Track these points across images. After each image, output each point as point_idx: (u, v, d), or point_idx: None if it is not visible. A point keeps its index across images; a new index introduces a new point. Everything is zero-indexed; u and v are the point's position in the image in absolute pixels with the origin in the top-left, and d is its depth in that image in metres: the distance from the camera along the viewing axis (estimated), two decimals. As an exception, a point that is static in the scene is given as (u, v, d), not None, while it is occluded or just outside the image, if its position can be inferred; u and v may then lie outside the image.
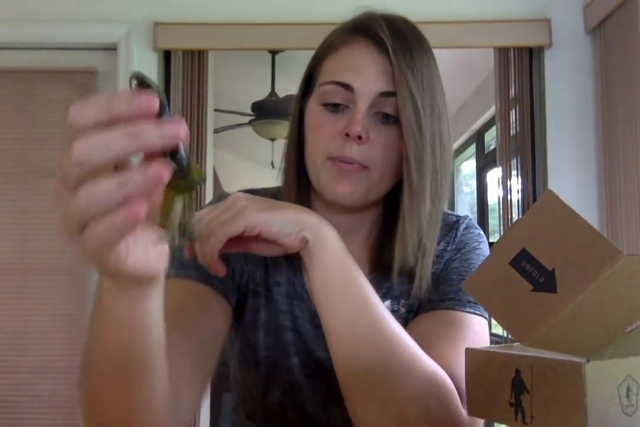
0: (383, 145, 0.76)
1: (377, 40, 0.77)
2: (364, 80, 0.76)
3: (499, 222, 2.46)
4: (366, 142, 0.75)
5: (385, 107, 0.76)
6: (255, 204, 0.67)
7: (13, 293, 2.42)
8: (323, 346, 0.76)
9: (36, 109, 2.50)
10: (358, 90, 0.76)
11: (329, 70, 0.79)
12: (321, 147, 0.77)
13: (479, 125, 3.07)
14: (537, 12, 2.45)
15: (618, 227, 2.18)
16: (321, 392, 0.85)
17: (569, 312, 0.49)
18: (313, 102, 0.80)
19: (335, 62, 0.79)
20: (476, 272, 0.57)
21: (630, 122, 2.11)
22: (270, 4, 2.49)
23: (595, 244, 0.48)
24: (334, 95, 0.77)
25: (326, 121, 0.77)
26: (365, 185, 0.77)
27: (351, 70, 0.76)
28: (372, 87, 0.76)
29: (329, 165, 0.77)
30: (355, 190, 0.77)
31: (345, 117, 0.76)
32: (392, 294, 0.83)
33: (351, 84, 0.76)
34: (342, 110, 0.77)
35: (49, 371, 2.39)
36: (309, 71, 0.83)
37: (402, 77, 0.74)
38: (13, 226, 2.45)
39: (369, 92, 0.76)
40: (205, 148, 2.44)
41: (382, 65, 0.76)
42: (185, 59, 2.46)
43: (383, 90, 0.75)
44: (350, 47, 0.79)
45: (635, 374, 0.54)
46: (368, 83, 0.76)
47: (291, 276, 0.85)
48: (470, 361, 0.60)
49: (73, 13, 2.48)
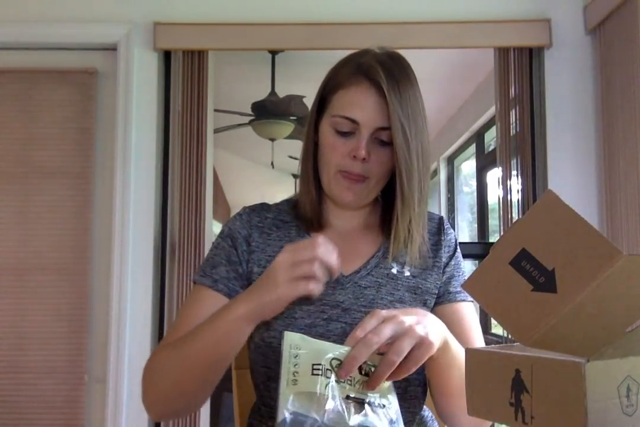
0: (379, 162, 1.04)
1: (375, 83, 1.01)
2: (367, 117, 1.01)
3: (499, 222, 2.46)
4: (368, 161, 1.02)
5: (382, 136, 1.02)
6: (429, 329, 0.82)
7: (13, 293, 2.42)
8: (340, 291, 1.04)
9: (36, 109, 2.50)
10: (362, 124, 1.02)
11: (341, 104, 1.04)
12: (334, 163, 1.04)
13: (479, 125, 3.07)
14: (537, 12, 2.45)
15: (618, 227, 2.18)
16: (335, 334, 1.01)
17: (569, 312, 0.49)
18: (326, 126, 1.05)
19: (345, 98, 1.03)
20: (476, 272, 0.57)
21: (630, 122, 2.11)
22: (270, 4, 2.49)
23: (595, 244, 0.48)
24: (344, 125, 1.03)
25: (338, 143, 1.04)
26: (365, 193, 1.07)
27: (357, 108, 1.02)
28: (372, 122, 1.01)
29: (339, 177, 1.04)
30: (358, 198, 1.07)
31: (353, 140, 1.03)
32: (398, 261, 1.10)
33: (357, 120, 1.02)
34: (350, 135, 1.03)
35: (49, 371, 2.39)
36: (322, 95, 1.08)
37: (394, 114, 0.99)
38: (13, 226, 2.45)
39: (370, 126, 1.02)
40: (205, 148, 2.43)
41: (379, 105, 1.01)
42: (185, 59, 2.46)
43: (380, 126, 1.02)
44: (356, 88, 1.03)
45: (635, 374, 0.54)
46: (369, 119, 1.01)
47: None
48: (470, 361, 0.60)
49: (73, 13, 2.48)
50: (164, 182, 2.46)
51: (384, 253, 1.10)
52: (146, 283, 2.39)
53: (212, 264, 1.07)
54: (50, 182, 2.47)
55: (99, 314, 2.43)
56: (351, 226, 1.13)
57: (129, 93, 2.43)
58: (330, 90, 1.06)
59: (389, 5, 2.46)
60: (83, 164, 2.48)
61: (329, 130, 1.05)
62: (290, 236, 1.10)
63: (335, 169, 1.04)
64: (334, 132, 1.04)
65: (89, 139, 2.49)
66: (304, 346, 0.74)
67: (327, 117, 1.06)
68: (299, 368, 0.71)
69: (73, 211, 2.45)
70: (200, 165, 2.42)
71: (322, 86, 1.09)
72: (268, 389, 1.04)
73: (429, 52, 2.45)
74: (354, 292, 1.05)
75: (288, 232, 1.10)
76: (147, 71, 2.47)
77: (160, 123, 2.47)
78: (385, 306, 1.04)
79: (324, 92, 1.08)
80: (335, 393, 0.72)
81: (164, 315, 2.40)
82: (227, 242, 1.09)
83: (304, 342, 0.75)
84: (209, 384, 0.95)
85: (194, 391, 0.94)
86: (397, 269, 1.09)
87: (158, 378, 0.97)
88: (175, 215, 2.42)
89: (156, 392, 0.97)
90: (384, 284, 1.07)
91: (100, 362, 2.41)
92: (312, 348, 0.74)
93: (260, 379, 1.05)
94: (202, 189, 2.42)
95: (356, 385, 0.74)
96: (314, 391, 0.70)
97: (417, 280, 1.09)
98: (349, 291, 1.05)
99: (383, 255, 1.10)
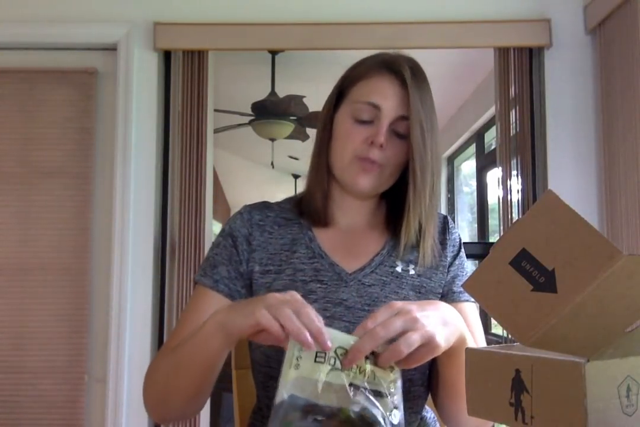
0: (395, 153, 1.04)
1: (399, 75, 1.04)
2: (389, 104, 1.03)
3: (499, 222, 2.46)
4: (385, 149, 1.03)
5: (400, 127, 1.04)
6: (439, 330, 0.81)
7: (13, 293, 2.42)
8: (343, 289, 1.04)
9: (36, 109, 2.50)
10: (383, 111, 1.03)
11: (363, 92, 1.05)
12: (351, 149, 1.04)
13: (479, 125, 3.07)
14: (537, 12, 2.45)
15: (618, 227, 2.18)
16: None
17: (569, 312, 0.49)
18: (345, 116, 1.06)
19: (368, 87, 1.05)
20: (476, 272, 0.57)
21: (630, 122, 2.11)
22: (270, 4, 2.49)
23: (595, 244, 0.48)
24: (365, 112, 1.04)
25: (356, 131, 1.04)
26: (378, 182, 1.06)
27: (380, 95, 1.03)
28: (394, 110, 1.03)
29: (355, 162, 1.04)
30: (371, 184, 1.05)
31: (370, 129, 1.03)
32: (403, 259, 1.09)
33: (380, 105, 1.03)
34: (368, 123, 1.04)
35: (49, 371, 2.38)
36: (340, 89, 1.09)
37: (415, 106, 1.02)
38: (13, 226, 2.44)
39: (391, 113, 1.03)
40: (205, 148, 2.43)
41: (401, 95, 1.03)
42: (185, 59, 2.46)
43: (401, 115, 1.03)
44: (380, 78, 1.05)
45: (635, 374, 0.54)
46: (391, 107, 1.03)
47: (308, 243, 1.08)
48: (470, 361, 0.60)
49: (73, 13, 2.48)
50: (164, 182, 2.46)
51: (388, 251, 1.09)
52: (146, 283, 2.39)
53: (212, 264, 1.07)
54: (50, 182, 2.47)
55: (99, 314, 2.43)
56: (356, 224, 1.13)
57: (129, 93, 2.43)
58: (350, 83, 1.08)
59: (389, 5, 2.46)
60: (83, 164, 2.48)
61: (347, 120, 1.05)
62: (292, 233, 1.09)
63: (352, 155, 1.04)
64: (353, 120, 1.05)
65: (89, 139, 2.49)
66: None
67: (345, 106, 1.07)
68: (302, 353, 0.72)
69: (73, 211, 2.45)
70: (200, 165, 2.42)
71: (340, 81, 1.10)
72: (269, 390, 1.03)
73: (429, 52, 2.45)
74: (357, 290, 1.04)
75: (290, 230, 1.10)
76: (147, 71, 2.46)
77: (160, 123, 2.47)
78: (391, 288, 1.05)
79: (343, 86, 1.09)
80: (338, 380, 0.72)
81: (164, 315, 2.40)
82: (227, 241, 1.08)
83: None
84: (201, 391, 0.94)
85: (186, 397, 0.94)
86: (402, 267, 1.09)
87: (153, 382, 0.98)
88: (175, 215, 2.42)
89: (153, 395, 0.98)
90: (388, 283, 1.06)
91: (100, 362, 2.41)
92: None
93: (261, 378, 1.05)
94: (202, 189, 2.42)
95: (360, 374, 0.74)
96: (315, 377, 0.71)
97: (421, 279, 1.09)
98: (352, 288, 1.04)
99: (388, 253, 1.09)
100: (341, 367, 0.73)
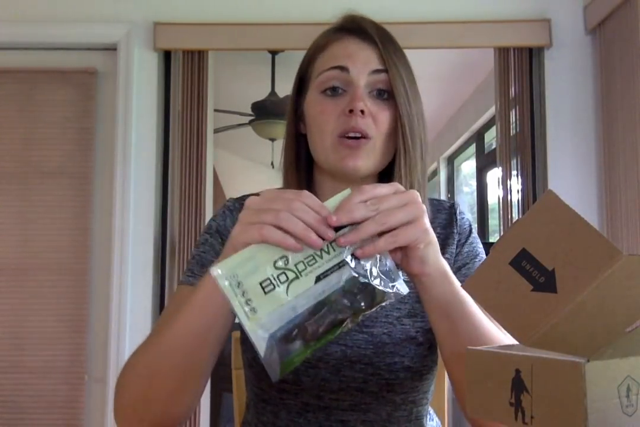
0: (380, 118, 0.89)
1: (362, 35, 0.91)
2: (357, 62, 0.89)
3: (499, 222, 2.46)
4: (368, 116, 0.88)
5: (379, 83, 0.90)
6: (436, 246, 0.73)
7: (13, 293, 2.42)
8: None
9: (36, 109, 2.50)
10: (353, 71, 0.89)
11: (323, 63, 0.92)
12: (329, 128, 0.89)
13: (479, 125, 3.07)
14: (537, 12, 2.45)
15: (618, 227, 2.18)
16: (334, 358, 0.91)
17: (569, 312, 0.49)
18: (312, 93, 0.92)
19: (327, 57, 0.92)
20: (476, 272, 0.57)
21: (630, 122, 2.11)
22: (270, 4, 2.49)
23: (595, 244, 0.48)
24: (332, 79, 0.90)
25: (328, 106, 0.90)
26: (369, 158, 0.90)
27: (344, 57, 0.90)
28: (365, 66, 0.89)
29: (337, 145, 0.89)
30: (362, 162, 0.89)
31: (345, 99, 0.89)
32: None
33: (347, 65, 0.89)
34: (340, 94, 0.90)
35: (49, 371, 2.39)
36: (301, 73, 0.96)
37: (390, 59, 0.89)
38: (13, 226, 2.45)
39: (363, 71, 0.89)
40: (205, 148, 2.44)
41: (370, 51, 0.90)
42: (185, 59, 2.46)
43: (375, 68, 0.89)
44: (339, 42, 0.92)
45: (635, 374, 0.54)
46: (361, 64, 0.89)
47: None
48: (470, 361, 0.60)
49: (73, 13, 2.48)
50: (164, 182, 2.46)
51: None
52: (146, 283, 2.39)
53: (201, 263, 0.96)
54: (50, 182, 2.47)
55: (99, 314, 2.43)
56: None
57: (129, 93, 2.43)
58: (309, 62, 0.95)
59: (389, 6, 2.46)
60: (83, 164, 2.48)
61: (316, 98, 0.92)
62: None
63: (333, 136, 0.89)
64: (322, 96, 0.91)
65: (89, 139, 2.49)
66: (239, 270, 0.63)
67: (311, 87, 0.93)
68: (248, 295, 0.62)
69: (73, 211, 2.45)
70: (200, 165, 2.43)
71: (299, 67, 0.97)
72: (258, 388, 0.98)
73: (429, 52, 2.45)
74: None
75: None
76: (147, 71, 2.47)
77: (160, 123, 2.48)
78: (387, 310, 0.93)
79: (303, 68, 0.96)
80: (299, 288, 0.64)
81: (164, 315, 2.40)
82: (215, 238, 0.97)
83: (237, 266, 0.64)
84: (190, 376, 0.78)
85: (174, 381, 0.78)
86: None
87: (130, 380, 0.81)
88: (175, 215, 2.42)
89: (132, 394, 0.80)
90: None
91: (100, 362, 2.41)
92: (247, 266, 0.64)
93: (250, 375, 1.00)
94: (202, 189, 2.42)
95: (329, 252, 0.66)
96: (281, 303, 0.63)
97: None
98: None
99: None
100: (298, 274, 0.64)
